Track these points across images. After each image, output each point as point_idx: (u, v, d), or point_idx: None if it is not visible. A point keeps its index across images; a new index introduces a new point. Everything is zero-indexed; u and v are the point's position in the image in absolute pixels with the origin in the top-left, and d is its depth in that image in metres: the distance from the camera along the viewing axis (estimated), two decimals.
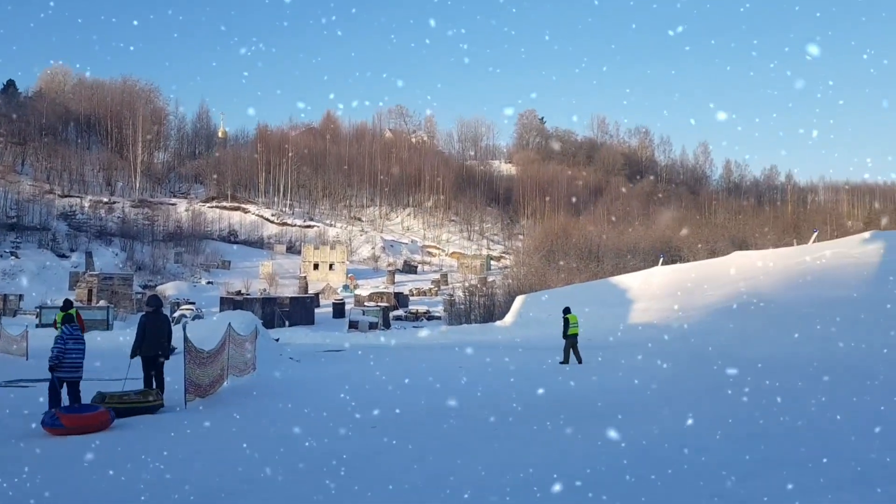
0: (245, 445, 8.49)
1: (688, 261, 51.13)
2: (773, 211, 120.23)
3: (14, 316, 54.30)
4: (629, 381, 14.71)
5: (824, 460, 7.26)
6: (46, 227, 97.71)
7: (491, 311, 61.72)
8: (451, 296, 73.23)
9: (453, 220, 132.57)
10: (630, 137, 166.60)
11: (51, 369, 10.65)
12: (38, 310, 52.32)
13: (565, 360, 18.66)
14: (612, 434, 8.80)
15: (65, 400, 10.66)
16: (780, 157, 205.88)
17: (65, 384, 10.74)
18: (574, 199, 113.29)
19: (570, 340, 18.79)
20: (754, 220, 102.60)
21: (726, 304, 28.01)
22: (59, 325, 17.20)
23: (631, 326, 30.45)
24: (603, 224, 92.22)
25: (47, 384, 10.94)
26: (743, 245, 65.61)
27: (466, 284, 77.62)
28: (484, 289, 74.23)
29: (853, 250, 25.75)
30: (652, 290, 34.74)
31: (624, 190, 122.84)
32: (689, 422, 9.53)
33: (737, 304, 27.17)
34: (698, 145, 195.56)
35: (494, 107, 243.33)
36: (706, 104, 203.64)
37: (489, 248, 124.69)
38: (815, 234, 36.75)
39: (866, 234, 28.01)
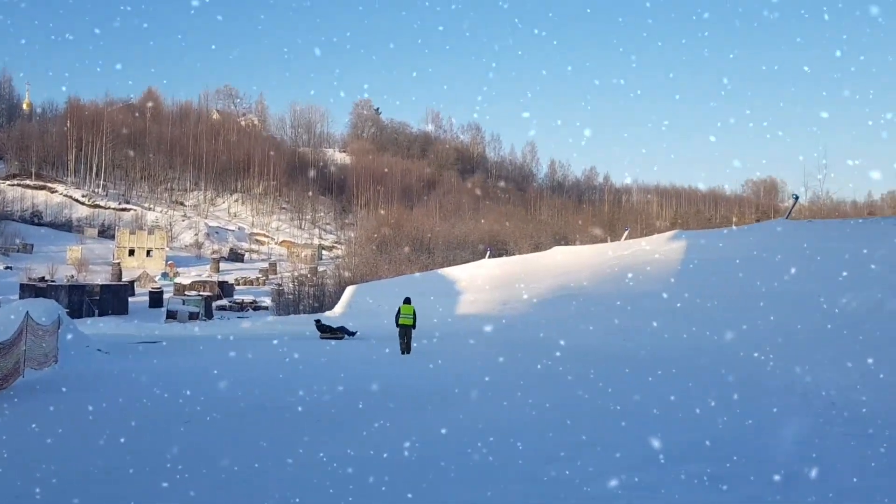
0: (49, 441, 7.75)
1: (513, 254, 53.28)
2: (592, 209, 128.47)
3: None
4: (453, 370, 15.02)
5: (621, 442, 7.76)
6: None
7: (321, 301, 60.96)
8: (280, 285, 71.54)
9: (284, 208, 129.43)
10: (463, 133, 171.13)
11: None
12: None
13: (402, 350, 18.65)
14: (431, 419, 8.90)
15: None
16: (599, 159, 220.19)
17: None
18: (407, 192, 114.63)
19: (400, 330, 18.81)
20: (574, 217, 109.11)
21: (546, 296, 29.48)
22: None
23: (459, 317, 31.21)
24: (435, 217, 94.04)
25: None
26: (563, 240, 69.54)
27: (296, 274, 76.15)
28: (314, 278, 73.21)
29: (660, 247, 27.95)
30: (479, 282, 35.82)
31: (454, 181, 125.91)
32: (505, 403, 9.84)
33: (555, 296, 28.67)
34: (526, 144, 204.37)
35: (329, 94, 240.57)
36: (536, 105, 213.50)
37: (321, 238, 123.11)
38: (627, 231, 39.59)
39: (671, 233, 30.50)
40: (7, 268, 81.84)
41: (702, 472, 6.65)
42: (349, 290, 41.83)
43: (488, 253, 45.76)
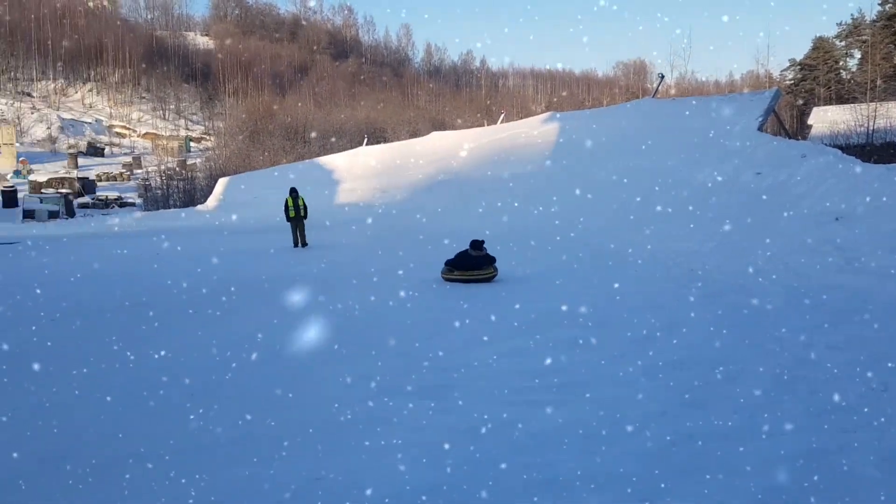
0: None
1: (391, 141, 52.71)
2: (469, 94, 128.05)
3: None
4: (340, 260, 15.03)
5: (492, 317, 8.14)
6: None
7: (192, 195, 58.54)
8: (147, 180, 67.88)
9: (144, 98, 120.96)
10: (334, 15, 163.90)
11: None
12: None
13: (295, 243, 18.06)
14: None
15: None
16: (475, 43, 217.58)
17: None
18: (278, 78, 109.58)
19: (293, 223, 18.09)
20: (452, 103, 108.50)
21: (425, 182, 29.62)
22: None
23: (338, 207, 30.93)
24: (309, 104, 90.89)
25: None
26: (441, 126, 69.30)
27: (163, 168, 72.32)
28: (184, 172, 69.86)
29: (534, 130, 28.43)
30: (357, 171, 35.40)
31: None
32: (372, 298, 9.99)
33: (434, 182, 28.87)
34: (401, 27, 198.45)
35: None
36: None
37: (188, 129, 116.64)
38: (503, 115, 39.87)
39: (545, 115, 30.99)
40: None
41: (574, 338, 7.10)
42: (221, 181, 40.36)
43: (365, 140, 45.06)
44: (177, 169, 72.11)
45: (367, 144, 41.43)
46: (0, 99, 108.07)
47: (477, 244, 11.27)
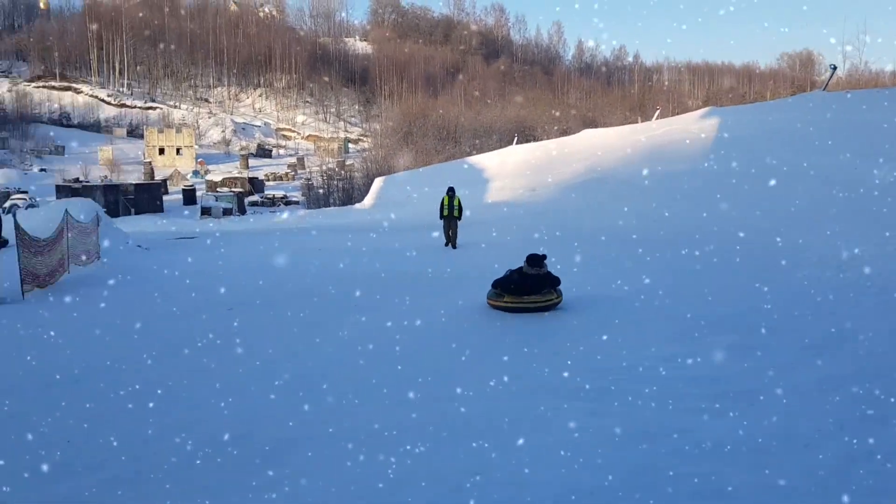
0: (98, 332, 8.11)
1: (541, 139, 52.51)
2: (622, 91, 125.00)
3: None
4: (489, 258, 15.20)
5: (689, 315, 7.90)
6: None
7: (350, 194, 61.31)
8: (309, 180, 71.82)
9: (308, 102, 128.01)
10: (486, 16, 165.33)
11: None
12: None
13: (447, 243, 18.04)
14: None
15: None
16: (628, 38, 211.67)
17: None
18: (431, 80, 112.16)
19: (445, 222, 18.41)
20: (604, 100, 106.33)
21: (575, 180, 29.25)
22: None
23: (487, 206, 31.24)
24: (460, 105, 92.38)
25: None
26: (592, 124, 68.17)
27: (324, 168, 76.21)
28: (342, 172, 73.28)
29: (691, 126, 27.31)
30: (507, 169, 35.58)
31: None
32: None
33: (585, 180, 28.43)
34: (552, 25, 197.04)
35: None
36: None
37: (346, 131, 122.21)
38: (658, 111, 38.61)
39: (703, 111, 29.68)
40: (41, 170, 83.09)
41: (741, 344, 6.78)
42: (378, 181, 41.90)
43: (515, 139, 45.17)
44: (336, 169, 75.69)
45: (516, 143, 41.54)
46: (182, 105, 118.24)
47: (536, 260, 8.65)
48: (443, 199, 18.27)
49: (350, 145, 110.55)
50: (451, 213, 17.97)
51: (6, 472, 4.30)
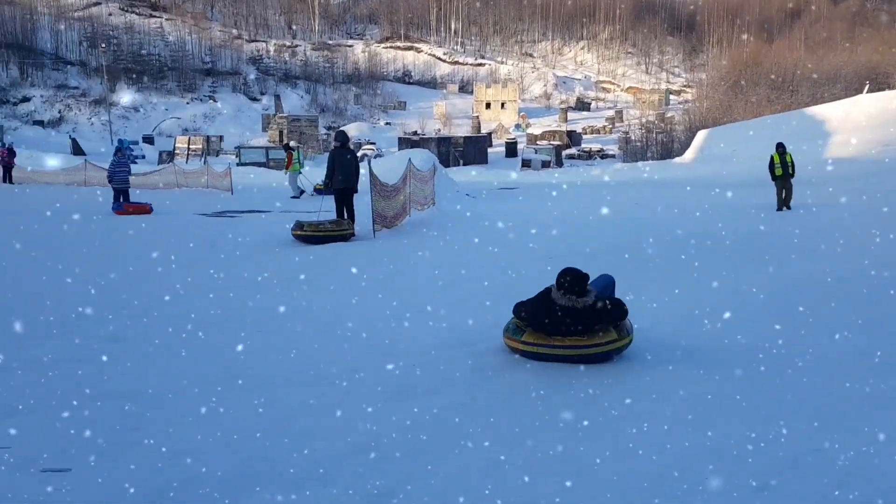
0: (437, 272, 9.10)
1: None
2: None
3: (217, 156, 59.29)
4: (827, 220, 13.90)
5: None
6: (238, 71, 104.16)
7: (669, 148, 59.35)
8: (627, 133, 70.82)
9: (630, 53, 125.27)
10: None
11: (108, 180, 17.34)
12: (237, 149, 57.19)
13: (779, 206, 16.31)
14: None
15: None
16: None
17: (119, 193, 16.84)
18: (767, 24, 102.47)
19: (778, 182, 16.66)
20: None
21: None
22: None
23: (825, 162, 28.19)
24: (799, 50, 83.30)
25: (249, 215, 16.34)
26: None
27: (643, 121, 74.46)
28: (662, 125, 70.98)
29: None
30: (854, 122, 31.64)
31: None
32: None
33: None
34: None
35: None
36: None
37: (668, 82, 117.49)
38: None
39: None
40: (387, 123, 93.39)
41: None
42: (700, 134, 40.06)
43: (867, 87, 39.73)
44: (655, 122, 73.52)
45: (867, 92, 36.57)
46: (509, 61, 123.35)
47: (573, 280, 4.85)
48: (772, 157, 16.87)
49: (671, 97, 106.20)
50: (785, 172, 16.48)
51: None
